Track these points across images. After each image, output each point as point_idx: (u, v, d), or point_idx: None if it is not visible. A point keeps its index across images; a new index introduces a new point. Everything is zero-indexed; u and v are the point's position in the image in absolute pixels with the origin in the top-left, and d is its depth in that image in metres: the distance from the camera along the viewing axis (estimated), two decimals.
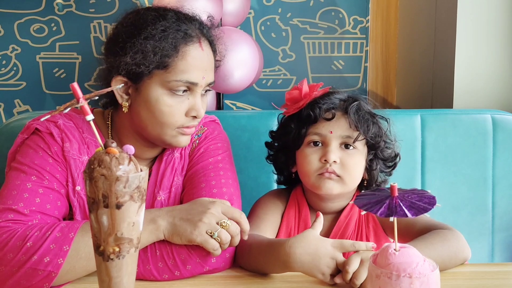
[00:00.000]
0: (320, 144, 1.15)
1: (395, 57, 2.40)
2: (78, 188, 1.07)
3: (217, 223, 0.98)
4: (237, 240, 1.01)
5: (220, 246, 0.98)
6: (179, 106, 1.07)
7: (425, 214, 0.75)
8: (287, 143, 1.20)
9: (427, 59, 2.01)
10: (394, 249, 0.76)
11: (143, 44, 1.03)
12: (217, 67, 1.15)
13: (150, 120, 1.07)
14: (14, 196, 0.99)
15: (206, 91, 1.12)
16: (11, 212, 0.97)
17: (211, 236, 0.97)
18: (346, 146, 1.14)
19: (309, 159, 1.15)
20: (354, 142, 1.13)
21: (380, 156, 1.20)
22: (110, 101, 1.13)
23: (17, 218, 0.97)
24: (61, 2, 2.34)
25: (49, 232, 0.92)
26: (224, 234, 0.98)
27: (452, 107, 1.76)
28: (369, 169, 1.19)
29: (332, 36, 2.41)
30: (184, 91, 1.07)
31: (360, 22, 2.40)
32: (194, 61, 1.06)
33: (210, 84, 1.11)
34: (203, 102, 1.11)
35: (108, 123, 1.15)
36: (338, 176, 1.13)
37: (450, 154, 1.50)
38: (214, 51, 1.13)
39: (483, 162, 1.50)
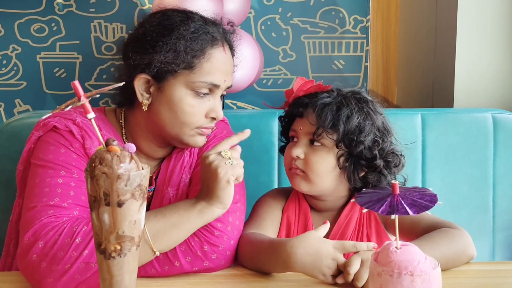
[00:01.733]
0: (296, 140, 1.17)
1: (396, 56, 2.40)
2: None
3: (220, 155, 1.02)
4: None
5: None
6: (201, 107, 1.09)
7: (427, 212, 0.75)
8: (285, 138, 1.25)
9: (427, 58, 2.01)
10: (396, 247, 0.76)
11: (176, 44, 1.05)
12: (233, 72, 1.17)
13: (170, 119, 1.08)
14: (47, 193, 0.99)
15: (221, 94, 1.14)
16: (50, 207, 0.97)
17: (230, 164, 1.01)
18: (313, 142, 1.14)
19: (285, 155, 1.19)
20: (317, 137, 1.12)
21: (357, 155, 1.12)
22: (126, 99, 1.14)
23: (58, 212, 0.96)
24: (62, 2, 2.34)
25: None
26: (232, 154, 1.03)
27: (452, 106, 1.76)
28: (347, 169, 1.13)
29: (332, 35, 2.41)
30: (206, 93, 1.09)
31: (360, 22, 2.40)
32: (218, 64, 1.09)
33: (228, 87, 1.13)
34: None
35: (121, 122, 1.16)
36: (303, 172, 1.14)
37: (450, 153, 1.50)
38: (233, 56, 1.16)
39: (484, 161, 1.50)
